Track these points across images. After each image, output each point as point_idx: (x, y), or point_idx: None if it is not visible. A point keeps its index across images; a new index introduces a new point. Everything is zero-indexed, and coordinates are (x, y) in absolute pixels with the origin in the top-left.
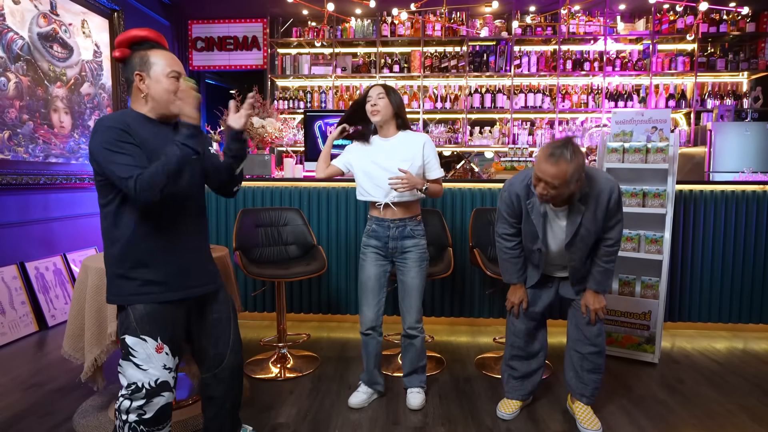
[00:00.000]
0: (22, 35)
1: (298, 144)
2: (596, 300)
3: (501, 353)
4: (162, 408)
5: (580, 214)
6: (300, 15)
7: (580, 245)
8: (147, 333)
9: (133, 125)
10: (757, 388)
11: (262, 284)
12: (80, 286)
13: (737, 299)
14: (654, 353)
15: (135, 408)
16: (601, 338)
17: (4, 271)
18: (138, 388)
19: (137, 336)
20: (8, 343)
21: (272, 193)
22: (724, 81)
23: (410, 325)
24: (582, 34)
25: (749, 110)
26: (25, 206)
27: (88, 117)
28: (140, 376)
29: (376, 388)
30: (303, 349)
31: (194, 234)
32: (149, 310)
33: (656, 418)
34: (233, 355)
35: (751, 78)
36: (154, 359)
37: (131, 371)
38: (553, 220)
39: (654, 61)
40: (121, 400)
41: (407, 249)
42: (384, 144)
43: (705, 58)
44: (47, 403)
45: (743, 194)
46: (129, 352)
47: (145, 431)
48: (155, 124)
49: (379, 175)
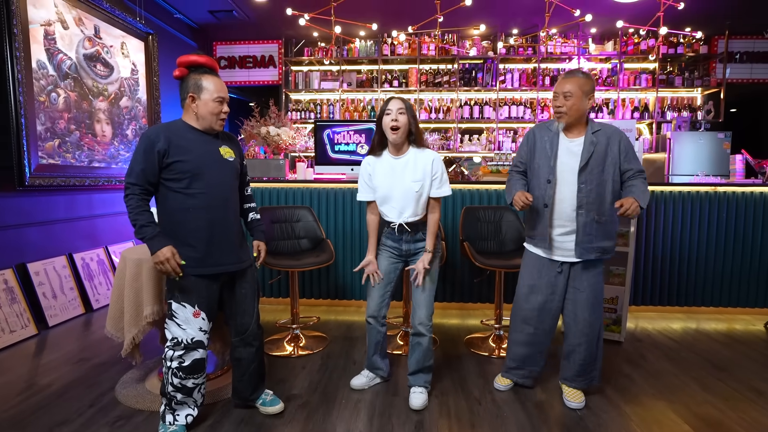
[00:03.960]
0: (70, 56)
1: (309, 150)
2: (633, 205)
3: (488, 334)
4: (196, 360)
5: (593, 145)
6: (311, 37)
7: (592, 174)
8: (186, 300)
9: (177, 134)
10: (707, 362)
11: (278, 273)
12: (120, 275)
13: (692, 285)
14: (620, 333)
15: (176, 357)
16: (592, 329)
17: (55, 261)
18: (178, 342)
19: (179, 302)
20: (60, 323)
21: (286, 194)
22: (681, 96)
23: (420, 320)
24: (558, 53)
25: (703, 121)
26: (72, 205)
27: (126, 127)
28: (180, 333)
29: (378, 373)
30: (313, 330)
31: (229, 221)
32: (189, 281)
33: (623, 390)
34: (256, 324)
35: (704, 93)
36: (192, 322)
37: (174, 328)
38: (565, 154)
39: (621, 78)
40: (166, 350)
41: (419, 250)
42: (396, 164)
43: (665, 76)
44: (93, 375)
45: (698, 194)
46: (172, 314)
47: (183, 376)
48: (200, 133)
49: (393, 196)
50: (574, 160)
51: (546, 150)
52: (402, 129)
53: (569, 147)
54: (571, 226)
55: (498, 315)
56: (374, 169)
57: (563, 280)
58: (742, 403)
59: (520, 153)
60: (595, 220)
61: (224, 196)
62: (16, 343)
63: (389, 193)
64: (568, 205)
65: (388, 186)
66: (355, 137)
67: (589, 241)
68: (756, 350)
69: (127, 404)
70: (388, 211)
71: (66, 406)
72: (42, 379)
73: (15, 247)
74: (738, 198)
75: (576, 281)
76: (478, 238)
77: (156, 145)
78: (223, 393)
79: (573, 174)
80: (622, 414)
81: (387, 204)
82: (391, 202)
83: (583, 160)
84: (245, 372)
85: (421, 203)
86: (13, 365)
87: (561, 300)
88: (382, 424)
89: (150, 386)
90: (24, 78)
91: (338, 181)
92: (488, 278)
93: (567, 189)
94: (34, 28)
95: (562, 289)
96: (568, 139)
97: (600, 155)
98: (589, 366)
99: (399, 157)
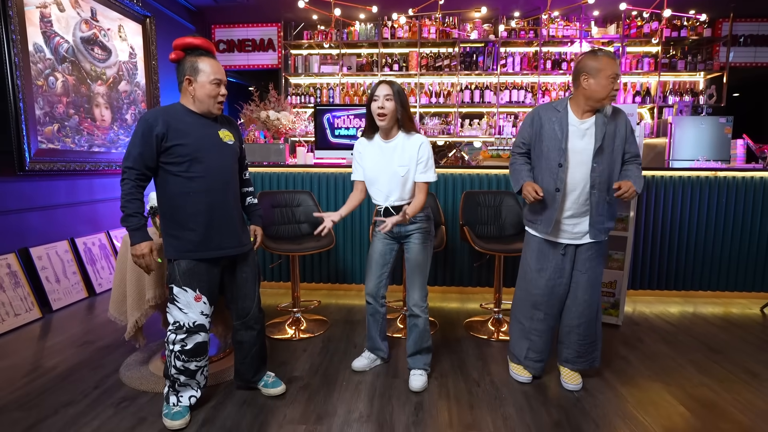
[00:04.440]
0: (67, 39)
1: (309, 134)
2: (631, 188)
3: (487, 317)
4: (198, 344)
5: (605, 125)
6: (310, 20)
7: (604, 155)
8: (188, 285)
9: (175, 117)
10: (703, 345)
11: (279, 257)
12: (122, 259)
13: (690, 270)
14: (618, 317)
15: (178, 340)
16: (590, 309)
17: (58, 246)
18: (180, 326)
19: (180, 287)
20: (63, 307)
21: (287, 178)
22: (683, 80)
23: (414, 302)
24: (560, 37)
25: (705, 106)
26: (73, 190)
27: (125, 111)
28: (182, 317)
29: (378, 354)
30: (314, 314)
31: (229, 205)
32: (190, 266)
33: (620, 372)
34: (258, 308)
35: (706, 77)
36: (193, 306)
37: (176, 312)
38: (575, 135)
39: (623, 62)
40: (168, 333)
41: (410, 232)
42: (385, 147)
43: (667, 60)
44: (97, 358)
45: (698, 179)
46: (174, 299)
47: (186, 359)
48: (198, 116)
49: (379, 179)
50: (587, 141)
51: (556, 133)
52: (389, 116)
53: (579, 128)
54: (579, 209)
55: (497, 299)
56: (365, 150)
57: (569, 262)
58: (737, 385)
59: (522, 134)
60: (606, 201)
61: (224, 179)
62: (20, 327)
63: (377, 176)
64: (579, 187)
65: (376, 169)
66: (355, 121)
67: (601, 222)
68: (752, 333)
69: (132, 386)
70: (376, 194)
71: (71, 387)
72: (47, 361)
73: (17, 231)
74: (738, 183)
75: (579, 263)
76: (478, 223)
77: (154, 129)
78: (225, 375)
79: (585, 155)
80: (619, 395)
81: (374, 186)
82: (377, 184)
83: (598, 140)
84: (247, 355)
85: (407, 188)
86: (18, 348)
87: (568, 283)
88: (383, 405)
89: (153, 368)
90: (21, 61)
91: (338, 166)
92: (488, 262)
93: (578, 171)
94: (29, 11)
95: (569, 272)
96: (578, 120)
97: (611, 135)
98: (590, 346)
99: (388, 142)
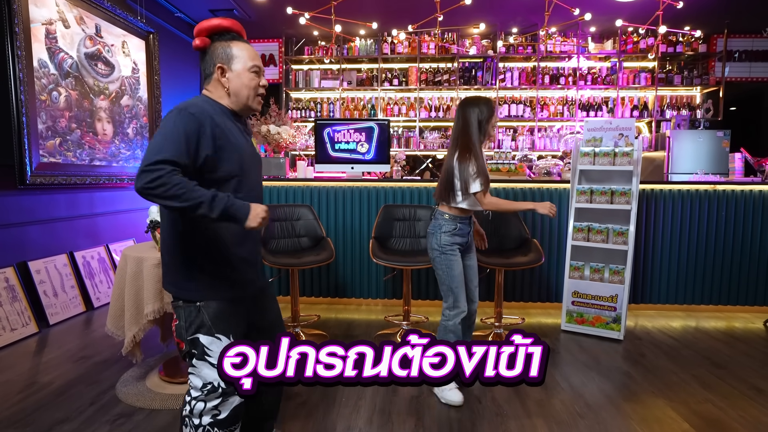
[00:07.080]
0: (71, 55)
1: (309, 148)
2: None
3: (487, 332)
4: (236, 407)
5: None
6: (311, 36)
7: None
8: (221, 331)
9: (221, 118)
10: (707, 360)
11: (278, 271)
12: (120, 273)
13: (691, 283)
14: (620, 331)
15: (210, 409)
16: None
17: (56, 260)
18: (214, 387)
19: (212, 335)
20: (60, 321)
21: (287, 192)
22: (680, 94)
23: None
24: (558, 52)
25: (702, 120)
26: (73, 203)
27: (126, 125)
28: (216, 375)
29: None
30: (314, 328)
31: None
32: (221, 306)
33: (621, 387)
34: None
35: (703, 92)
36: None
37: (207, 371)
38: None
39: (620, 77)
40: (193, 403)
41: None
42: None
43: (664, 75)
44: (94, 373)
45: (697, 192)
46: (204, 351)
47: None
48: (235, 118)
49: None
50: None
51: None
52: None
53: None
54: None
55: (498, 313)
56: None
57: None
58: (742, 401)
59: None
60: None
61: (260, 200)
62: (17, 341)
63: None
64: None
65: None
66: (355, 136)
67: None
68: (756, 348)
69: (128, 402)
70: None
71: (67, 404)
72: (43, 377)
73: (16, 245)
74: (737, 196)
75: None
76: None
77: (205, 130)
78: None
79: None
80: (622, 412)
81: None
82: None
83: None
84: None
85: None
86: (14, 363)
87: None
88: (383, 422)
89: (150, 384)
90: (25, 77)
91: (338, 180)
92: (488, 276)
93: None
94: (35, 27)
95: None
96: None
97: None
98: None
99: None
